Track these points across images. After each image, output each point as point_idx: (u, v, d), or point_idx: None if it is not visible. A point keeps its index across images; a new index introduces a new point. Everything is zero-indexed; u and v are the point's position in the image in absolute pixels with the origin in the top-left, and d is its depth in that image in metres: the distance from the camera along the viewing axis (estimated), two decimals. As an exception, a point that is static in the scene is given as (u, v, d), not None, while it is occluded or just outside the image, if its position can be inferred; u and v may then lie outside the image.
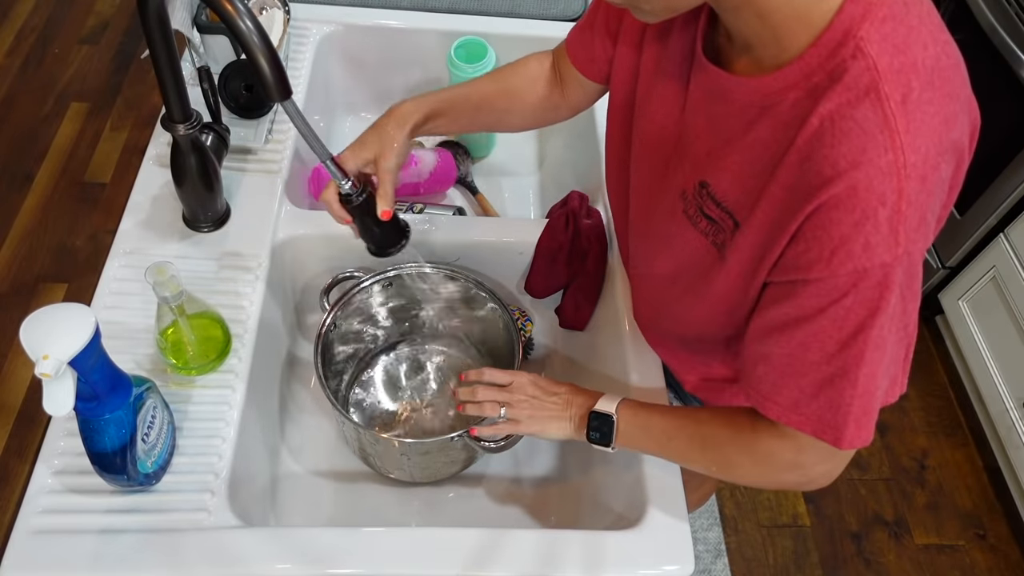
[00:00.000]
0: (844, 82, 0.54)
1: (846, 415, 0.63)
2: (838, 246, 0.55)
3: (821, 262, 0.57)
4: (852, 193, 0.54)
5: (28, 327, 0.60)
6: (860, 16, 0.54)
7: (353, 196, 0.83)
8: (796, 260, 0.59)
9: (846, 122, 0.54)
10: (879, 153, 0.53)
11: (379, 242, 0.89)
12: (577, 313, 1.04)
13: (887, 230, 0.54)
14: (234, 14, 0.64)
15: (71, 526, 0.73)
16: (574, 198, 1.03)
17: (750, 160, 0.62)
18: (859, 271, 0.56)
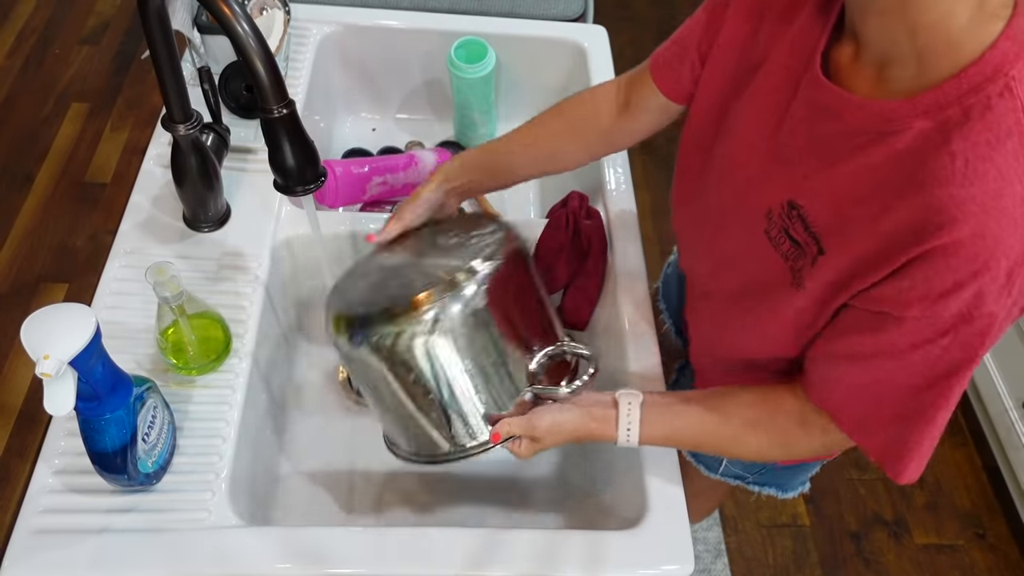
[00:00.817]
0: (986, 120, 0.51)
1: (912, 451, 0.62)
2: (949, 291, 0.53)
3: (925, 302, 0.54)
4: (978, 241, 0.51)
5: (29, 327, 0.60)
6: (1015, 55, 0.51)
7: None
8: (895, 295, 0.56)
9: (983, 164, 0.51)
10: (1015, 203, 0.50)
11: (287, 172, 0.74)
12: (577, 313, 1.04)
13: (1003, 282, 0.52)
14: (231, 17, 0.64)
15: (71, 526, 0.74)
16: (574, 198, 1.03)
17: (853, 186, 0.59)
18: (964, 316, 0.54)
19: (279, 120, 0.68)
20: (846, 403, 0.64)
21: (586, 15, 1.50)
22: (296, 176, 0.73)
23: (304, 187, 0.74)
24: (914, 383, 0.59)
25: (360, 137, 1.37)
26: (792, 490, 1.02)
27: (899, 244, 0.55)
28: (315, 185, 0.75)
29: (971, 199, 0.51)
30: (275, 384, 1.00)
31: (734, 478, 1.02)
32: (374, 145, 1.32)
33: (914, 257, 0.54)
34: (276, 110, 0.68)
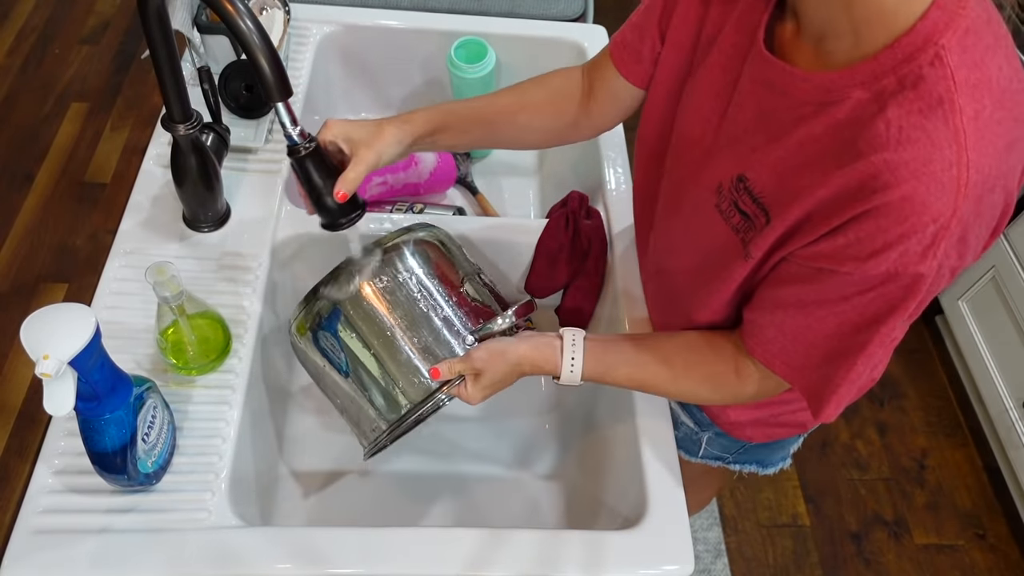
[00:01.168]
0: (918, 89, 0.53)
1: (833, 392, 0.66)
2: (879, 250, 0.56)
3: (857, 260, 0.57)
4: (906, 204, 0.53)
5: (28, 327, 0.60)
6: (944, 24, 0.53)
7: (300, 145, 0.73)
8: (831, 252, 0.59)
9: (915, 131, 0.53)
10: (944, 167, 0.52)
11: (328, 210, 0.78)
12: (578, 313, 1.04)
13: (928, 243, 0.54)
14: (234, 14, 0.64)
15: (71, 526, 0.73)
16: (574, 198, 1.03)
17: (796, 156, 0.61)
18: (891, 274, 0.56)
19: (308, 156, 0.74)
20: (781, 349, 0.68)
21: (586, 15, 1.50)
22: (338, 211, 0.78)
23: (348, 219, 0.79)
24: (842, 330, 0.62)
25: (360, 137, 1.37)
26: (772, 466, 1.05)
27: (837, 206, 0.57)
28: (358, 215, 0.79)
29: (903, 164, 0.53)
30: (275, 384, 1.00)
31: (714, 459, 1.04)
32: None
33: (850, 218, 0.56)
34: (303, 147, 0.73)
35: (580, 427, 1.04)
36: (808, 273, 0.62)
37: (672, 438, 0.86)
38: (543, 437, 1.06)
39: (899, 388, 1.99)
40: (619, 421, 0.91)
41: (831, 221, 0.58)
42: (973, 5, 0.54)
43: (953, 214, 0.53)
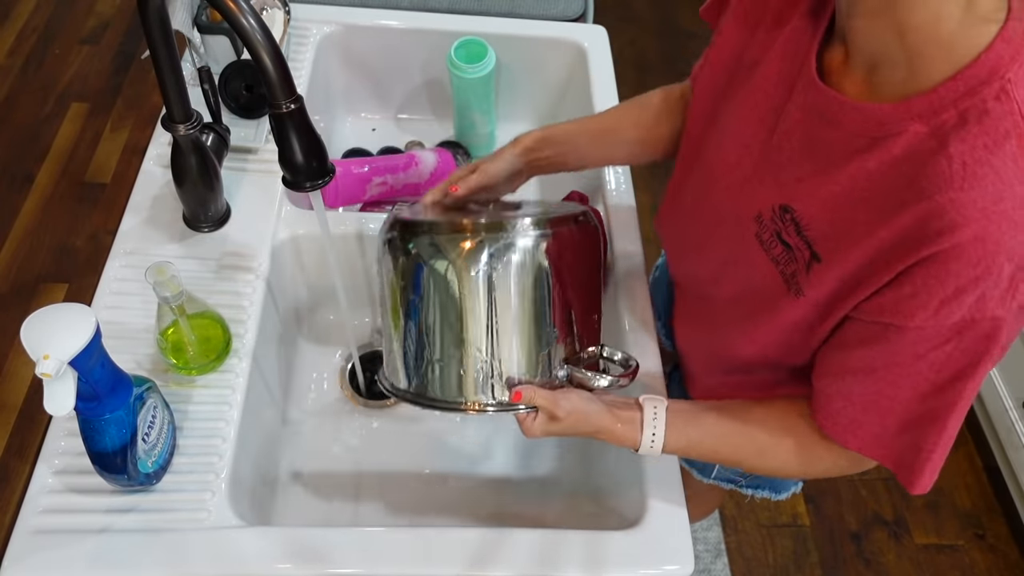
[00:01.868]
0: (983, 124, 0.50)
1: (926, 460, 0.63)
2: (951, 297, 0.53)
3: (927, 311, 0.54)
4: (979, 245, 0.50)
5: (28, 327, 0.60)
6: (1010, 57, 0.50)
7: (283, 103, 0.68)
8: (896, 304, 0.56)
9: (982, 167, 0.50)
10: (1015, 205, 0.50)
11: (296, 168, 0.73)
12: (577, 313, 1.03)
13: (1007, 285, 0.52)
14: (237, 12, 0.64)
15: (71, 526, 0.73)
16: (574, 198, 1.03)
17: (849, 192, 0.58)
18: (967, 322, 0.53)
19: (288, 115, 0.68)
20: (851, 422, 0.63)
21: (586, 15, 1.50)
22: (305, 172, 0.73)
23: (312, 183, 0.74)
24: (921, 391, 0.58)
25: (360, 137, 1.37)
26: (785, 491, 1.02)
27: (899, 250, 0.54)
28: (324, 181, 0.74)
29: (971, 203, 0.50)
30: (275, 384, 1.00)
31: (727, 482, 1.02)
32: (374, 145, 1.32)
33: (914, 263, 0.53)
34: (285, 105, 0.68)
35: (580, 427, 1.04)
36: (874, 332, 0.58)
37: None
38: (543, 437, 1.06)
39: (899, 388, 1.99)
40: (619, 421, 0.91)
41: (893, 267, 0.54)
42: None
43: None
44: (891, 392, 0.60)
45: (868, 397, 0.61)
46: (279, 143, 0.71)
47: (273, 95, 0.67)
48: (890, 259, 0.55)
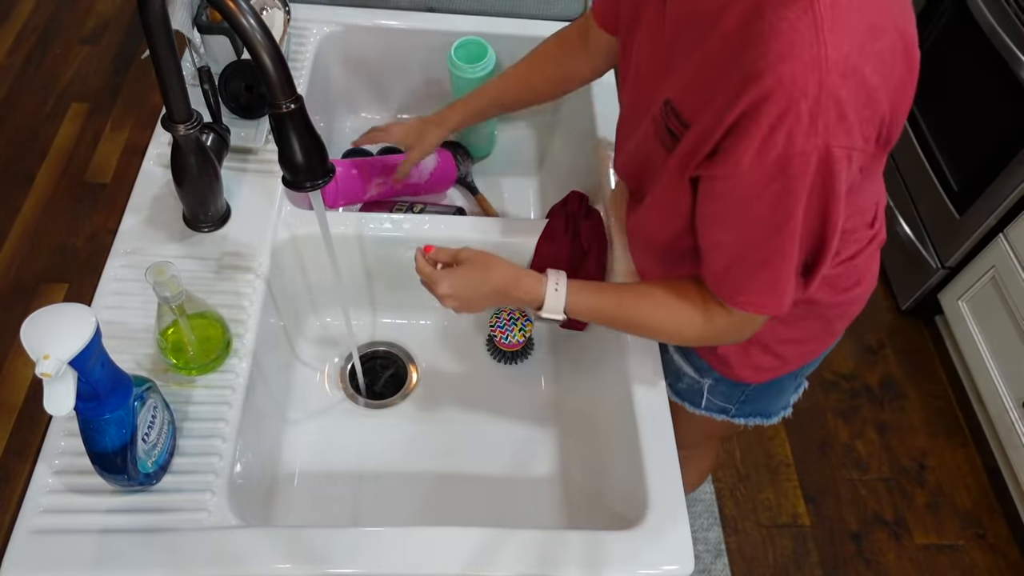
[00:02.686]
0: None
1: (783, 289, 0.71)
2: (766, 137, 0.60)
3: (750, 153, 0.61)
4: (778, 84, 0.58)
5: (29, 327, 0.60)
6: None
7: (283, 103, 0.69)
8: (727, 154, 0.63)
9: (781, 23, 0.58)
10: (805, 48, 0.57)
11: (296, 167, 0.73)
12: (577, 313, 1.04)
13: (807, 121, 0.59)
14: (237, 12, 0.64)
15: (71, 526, 0.73)
16: (574, 198, 1.03)
17: (701, 70, 0.67)
18: (784, 158, 0.61)
19: (288, 115, 0.68)
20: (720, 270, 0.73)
21: (586, 15, 1.50)
22: (305, 172, 0.73)
23: (313, 183, 0.74)
24: (762, 233, 0.67)
25: (360, 137, 1.37)
26: (775, 415, 1.08)
27: (729, 107, 0.62)
28: (324, 181, 0.74)
29: (772, 51, 0.59)
30: (275, 384, 1.00)
31: (719, 412, 1.06)
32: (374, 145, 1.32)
33: (738, 116, 0.61)
34: (285, 105, 0.68)
35: (580, 427, 1.04)
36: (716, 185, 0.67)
37: (672, 438, 0.86)
38: (543, 437, 1.06)
39: (899, 388, 1.99)
40: (619, 421, 0.91)
41: (725, 121, 0.62)
42: None
43: (820, 88, 0.57)
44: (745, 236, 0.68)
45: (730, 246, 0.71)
46: (279, 143, 0.71)
47: (273, 95, 0.67)
48: (723, 115, 0.63)
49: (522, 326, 1.08)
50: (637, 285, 0.85)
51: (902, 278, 2.07)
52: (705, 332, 0.79)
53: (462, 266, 0.84)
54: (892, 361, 2.03)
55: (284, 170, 0.74)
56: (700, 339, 0.81)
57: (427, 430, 1.05)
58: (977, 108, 1.78)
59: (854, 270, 0.86)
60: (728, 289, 0.74)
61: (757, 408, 1.06)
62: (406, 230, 1.04)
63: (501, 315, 1.09)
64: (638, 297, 0.82)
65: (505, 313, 1.08)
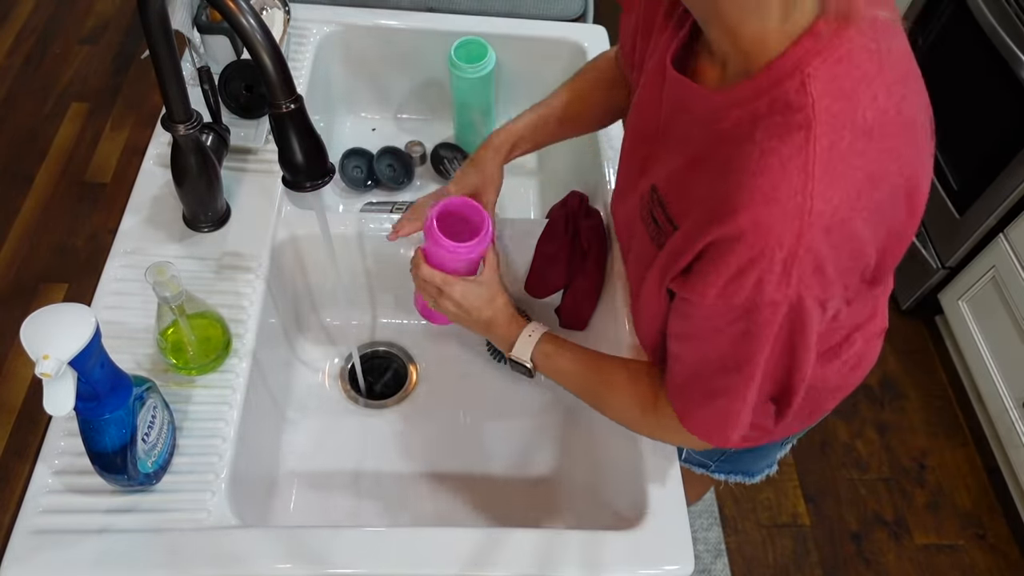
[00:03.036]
0: (784, 115, 0.54)
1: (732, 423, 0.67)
2: (734, 278, 0.56)
3: (716, 288, 0.58)
4: (754, 228, 0.54)
5: (28, 327, 0.60)
6: (814, 51, 0.54)
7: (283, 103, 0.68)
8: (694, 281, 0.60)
9: (771, 157, 0.54)
10: (789, 195, 0.53)
11: (296, 168, 0.73)
12: (577, 313, 1.04)
13: (780, 271, 0.54)
14: (236, 12, 0.64)
15: (71, 526, 0.73)
16: (574, 198, 1.03)
17: (690, 170, 0.63)
18: (751, 304, 0.57)
19: (288, 115, 0.68)
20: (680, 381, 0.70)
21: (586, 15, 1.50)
22: (305, 171, 0.73)
23: (312, 183, 0.74)
24: (722, 364, 0.63)
25: (360, 137, 1.37)
26: (758, 474, 1.06)
27: (706, 227, 0.58)
28: (323, 181, 0.74)
29: (755, 188, 0.54)
30: (275, 384, 1.00)
31: (698, 466, 1.06)
32: (374, 145, 1.32)
33: (711, 243, 0.57)
34: (285, 105, 0.68)
35: (580, 427, 1.04)
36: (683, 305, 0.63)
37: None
38: (543, 437, 1.06)
39: (899, 388, 1.99)
40: (619, 421, 0.91)
41: (702, 240, 0.58)
42: (854, 34, 0.54)
43: (798, 241, 0.53)
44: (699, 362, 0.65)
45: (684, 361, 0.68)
46: (279, 143, 0.71)
47: (273, 95, 0.67)
48: (698, 237, 0.59)
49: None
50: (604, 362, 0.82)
51: (902, 278, 2.07)
52: (653, 433, 0.78)
53: (480, 284, 0.85)
54: (892, 361, 2.03)
55: (284, 170, 0.74)
56: (647, 434, 0.80)
57: (427, 430, 1.05)
58: (977, 108, 1.78)
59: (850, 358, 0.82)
60: (682, 404, 0.71)
61: (737, 467, 1.05)
62: (406, 230, 1.04)
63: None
64: (600, 375, 0.81)
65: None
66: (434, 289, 0.85)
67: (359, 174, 1.30)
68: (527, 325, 0.85)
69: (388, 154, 1.31)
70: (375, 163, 1.29)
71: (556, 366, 0.83)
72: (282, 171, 0.74)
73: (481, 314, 0.85)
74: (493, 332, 0.86)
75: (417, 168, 1.33)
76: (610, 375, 0.80)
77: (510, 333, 0.84)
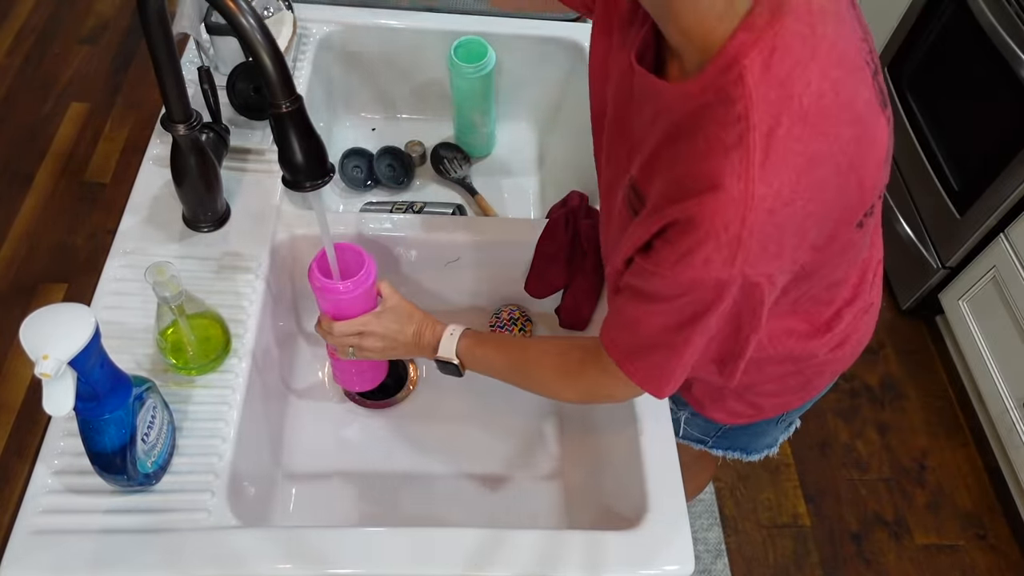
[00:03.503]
0: (726, 106, 0.57)
1: (668, 376, 0.72)
2: (684, 255, 0.60)
3: (668, 263, 0.62)
4: (700, 212, 0.58)
5: (28, 327, 0.60)
6: (750, 44, 0.56)
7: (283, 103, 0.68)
8: (651, 255, 0.64)
9: (716, 144, 0.57)
10: (732, 181, 0.56)
11: (296, 167, 0.72)
12: (577, 313, 1.04)
13: (726, 252, 0.58)
14: (236, 12, 0.64)
15: (71, 526, 0.73)
16: (574, 198, 1.03)
17: (655, 158, 0.66)
18: (696, 280, 0.61)
19: (287, 115, 0.68)
20: (619, 335, 0.73)
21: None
22: (305, 172, 0.73)
23: (312, 183, 0.74)
24: (666, 325, 0.67)
25: (360, 137, 1.37)
26: (756, 452, 1.08)
27: (661, 209, 0.62)
28: (323, 181, 0.74)
29: (704, 176, 0.58)
30: (275, 384, 1.00)
31: (696, 442, 1.06)
32: (374, 145, 1.32)
33: (666, 224, 0.61)
34: (284, 105, 0.68)
35: (580, 427, 1.04)
36: (641, 272, 0.67)
37: (672, 438, 0.86)
38: (543, 437, 1.06)
39: (899, 388, 1.99)
40: (619, 421, 0.91)
41: (659, 221, 0.62)
42: (790, 22, 0.56)
43: (742, 224, 0.56)
44: (645, 320, 0.69)
45: (629, 318, 0.71)
46: (279, 143, 0.71)
47: (273, 95, 0.67)
48: (658, 216, 0.63)
49: (522, 326, 1.08)
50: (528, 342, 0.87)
51: (902, 278, 2.07)
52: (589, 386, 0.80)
53: (390, 308, 0.89)
54: (892, 361, 2.03)
55: (284, 170, 0.74)
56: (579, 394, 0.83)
57: (427, 430, 1.05)
58: (977, 108, 1.78)
59: (838, 332, 0.84)
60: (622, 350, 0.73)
61: (735, 444, 1.06)
62: (406, 230, 1.04)
63: (501, 315, 1.09)
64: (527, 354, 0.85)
65: (505, 313, 1.08)
66: (354, 337, 0.88)
67: (359, 174, 1.30)
68: (447, 326, 0.88)
69: (388, 154, 1.31)
70: (375, 163, 1.29)
71: (482, 355, 0.86)
72: (282, 171, 0.74)
73: (406, 330, 0.88)
74: (421, 342, 0.89)
75: (417, 168, 1.33)
76: (538, 352, 0.85)
77: (435, 336, 0.88)
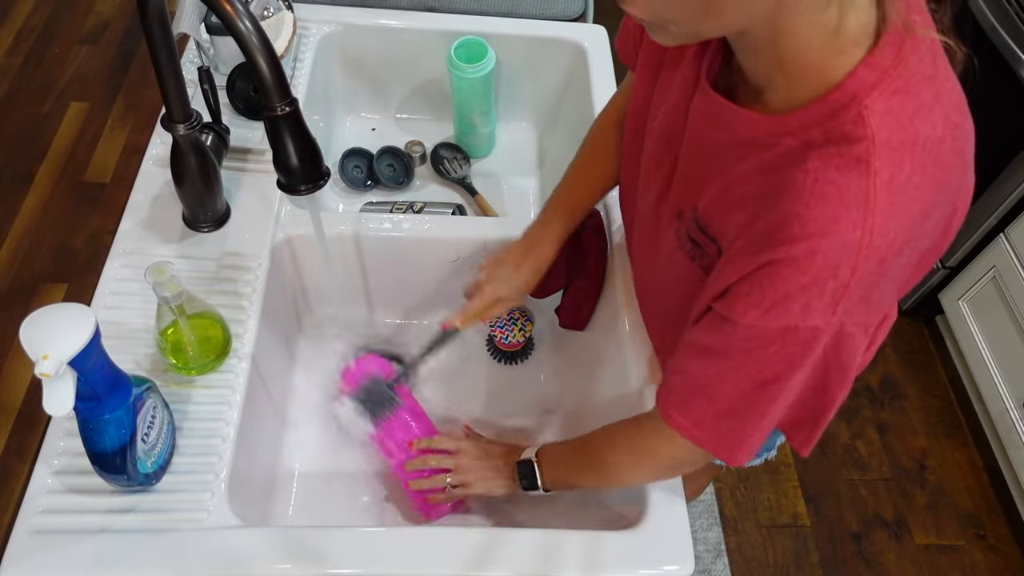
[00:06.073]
0: (840, 146, 0.53)
1: (743, 443, 0.67)
2: (779, 301, 0.56)
3: (758, 310, 0.57)
4: (810, 259, 0.54)
5: (28, 327, 0.60)
6: (871, 83, 0.53)
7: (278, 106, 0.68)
8: (735, 301, 0.59)
9: (829, 187, 0.53)
10: (848, 228, 0.53)
11: (291, 170, 0.73)
12: (577, 313, 1.04)
13: (829, 300, 0.55)
14: (233, 15, 0.64)
15: (71, 526, 0.73)
16: (574, 198, 1.03)
17: (731, 192, 0.62)
18: (791, 328, 0.57)
19: (282, 118, 0.68)
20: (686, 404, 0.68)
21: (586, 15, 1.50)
22: (299, 174, 0.73)
23: (307, 186, 0.74)
24: (742, 386, 0.62)
25: (360, 137, 1.37)
26: (756, 457, 1.05)
27: (751, 250, 0.58)
28: (317, 184, 0.74)
29: (812, 219, 0.53)
30: (275, 384, 1.00)
31: None
32: (374, 145, 1.32)
33: (757, 266, 0.57)
34: (279, 108, 0.68)
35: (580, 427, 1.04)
36: (716, 322, 0.62)
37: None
38: (544, 437, 1.06)
39: (899, 388, 1.99)
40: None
41: (746, 264, 0.58)
42: (913, 63, 0.53)
43: (852, 274, 0.53)
44: (719, 379, 0.64)
45: (699, 379, 0.65)
46: (274, 146, 0.71)
47: (268, 97, 0.67)
48: (745, 258, 0.58)
49: (522, 326, 1.08)
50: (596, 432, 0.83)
51: (902, 278, 2.06)
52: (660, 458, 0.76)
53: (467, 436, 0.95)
54: (892, 361, 2.03)
55: (279, 173, 0.74)
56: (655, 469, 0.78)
57: (427, 430, 1.05)
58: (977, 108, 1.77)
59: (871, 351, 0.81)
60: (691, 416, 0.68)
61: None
62: (406, 230, 1.04)
63: (501, 315, 1.08)
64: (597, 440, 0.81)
65: (505, 313, 1.08)
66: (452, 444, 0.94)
67: (359, 174, 1.30)
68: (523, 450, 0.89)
69: (388, 154, 1.31)
70: (375, 163, 1.29)
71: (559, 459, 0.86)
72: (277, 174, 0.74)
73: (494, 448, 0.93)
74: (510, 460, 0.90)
75: (417, 168, 1.33)
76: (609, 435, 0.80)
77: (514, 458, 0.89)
